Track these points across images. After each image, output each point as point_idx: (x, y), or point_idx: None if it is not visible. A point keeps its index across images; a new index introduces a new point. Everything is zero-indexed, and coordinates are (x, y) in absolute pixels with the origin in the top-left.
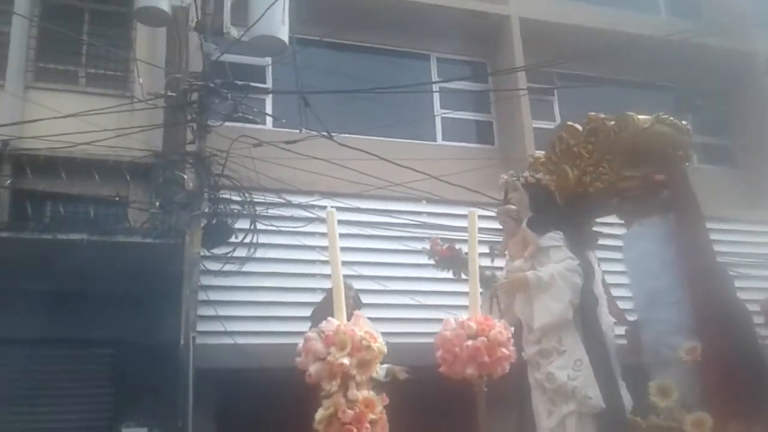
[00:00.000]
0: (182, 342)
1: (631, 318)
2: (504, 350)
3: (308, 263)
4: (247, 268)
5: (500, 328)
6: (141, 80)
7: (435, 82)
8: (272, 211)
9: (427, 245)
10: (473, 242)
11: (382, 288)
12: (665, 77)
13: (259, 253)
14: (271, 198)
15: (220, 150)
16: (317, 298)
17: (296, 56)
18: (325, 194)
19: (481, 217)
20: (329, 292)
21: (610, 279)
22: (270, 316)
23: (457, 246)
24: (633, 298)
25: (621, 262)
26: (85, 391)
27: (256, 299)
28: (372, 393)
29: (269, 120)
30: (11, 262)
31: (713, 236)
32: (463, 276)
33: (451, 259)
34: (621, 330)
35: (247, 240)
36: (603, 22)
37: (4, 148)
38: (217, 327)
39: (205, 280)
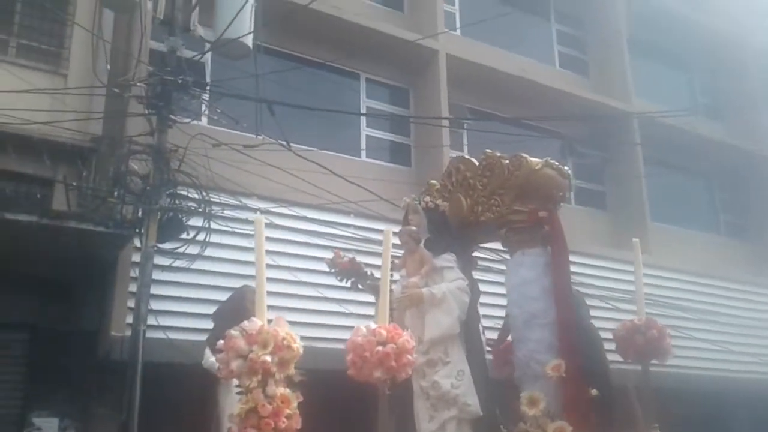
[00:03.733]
0: (130, 334)
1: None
2: (409, 357)
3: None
4: (195, 266)
5: (407, 337)
6: (109, 66)
7: (383, 114)
8: (227, 212)
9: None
10: (386, 258)
11: (318, 294)
12: (556, 123)
13: (208, 252)
14: (226, 199)
15: (177, 145)
16: None
17: (258, 64)
18: (280, 201)
19: (395, 233)
20: (235, 292)
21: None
22: (207, 313)
23: (358, 259)
24: (511, 318)
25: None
26: None
27: (198, 296)
28: (288, 390)
29: (205, 119)
30: None
31: (584, 270)
32: (359, 287)
33: (351, 270)
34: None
35: (199, 238)
36: (510, 67)
37: None
38: (151, 321)
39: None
